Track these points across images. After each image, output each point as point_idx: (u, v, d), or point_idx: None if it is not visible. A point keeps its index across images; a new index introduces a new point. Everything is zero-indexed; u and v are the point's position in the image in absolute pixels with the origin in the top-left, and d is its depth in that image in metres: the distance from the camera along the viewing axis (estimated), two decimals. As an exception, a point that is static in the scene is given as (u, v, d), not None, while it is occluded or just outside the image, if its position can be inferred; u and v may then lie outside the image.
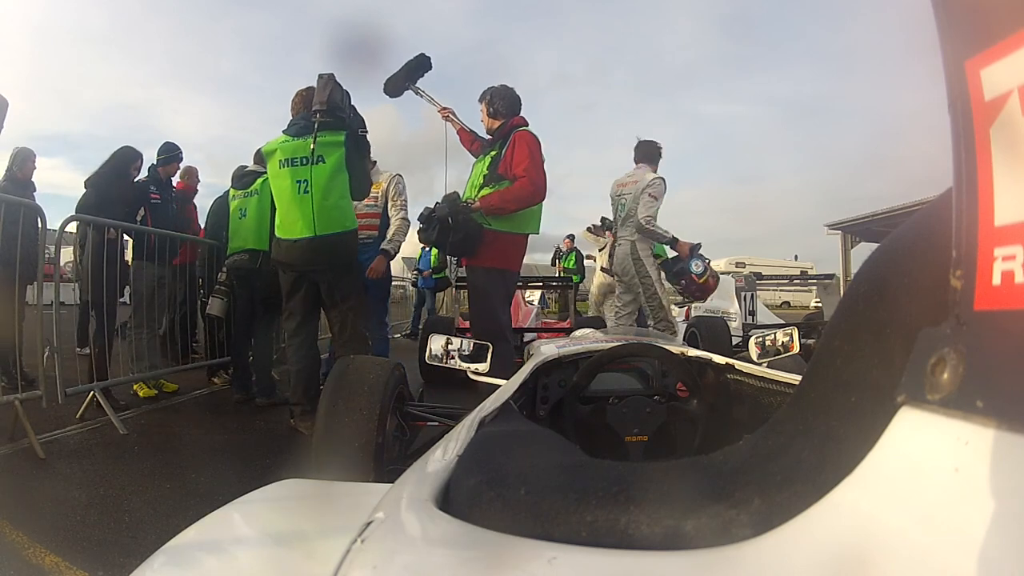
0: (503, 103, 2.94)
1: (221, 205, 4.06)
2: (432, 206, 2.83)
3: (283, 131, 2.97)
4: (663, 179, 3.94)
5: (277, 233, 2.96)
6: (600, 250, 7.62)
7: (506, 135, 2.88)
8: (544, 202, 2.94)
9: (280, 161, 2.88)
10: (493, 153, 2.90)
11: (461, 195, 2.92)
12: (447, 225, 2.73)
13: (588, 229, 7.51)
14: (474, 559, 0.40)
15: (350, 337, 2.93)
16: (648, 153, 4.11)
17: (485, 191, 2.82)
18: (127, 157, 3.76)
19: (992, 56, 0.29)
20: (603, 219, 6.08)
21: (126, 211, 3.70)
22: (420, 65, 3.17)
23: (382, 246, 3.50)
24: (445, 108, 3.37)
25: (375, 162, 3.48)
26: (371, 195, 3.41)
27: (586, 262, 7.84)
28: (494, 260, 2.86)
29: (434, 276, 7.64)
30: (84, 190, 3.66)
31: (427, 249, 7.37)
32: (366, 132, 2.99)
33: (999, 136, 0.29)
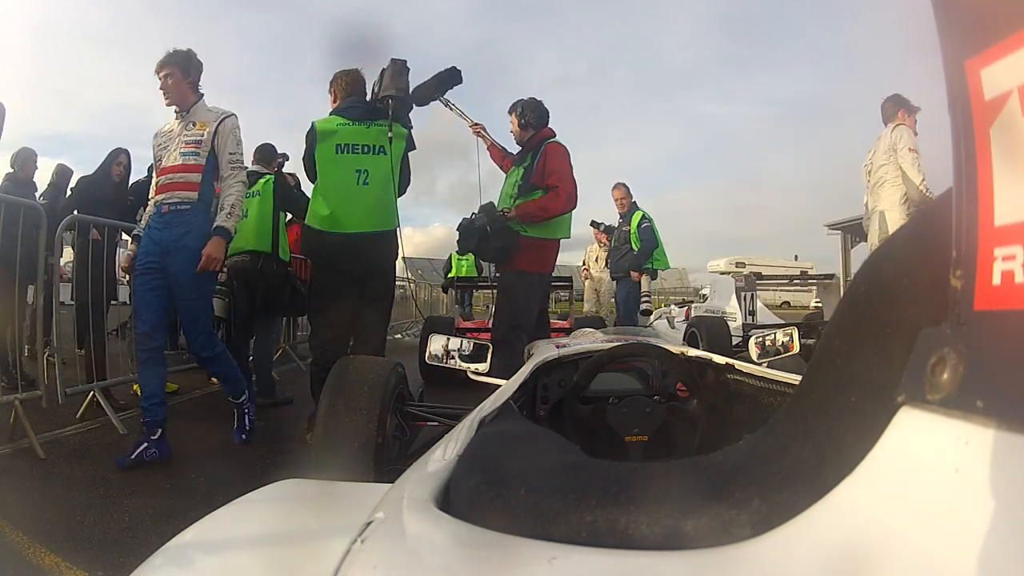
0: (534, 115, 3.07)
1: None
2: (469, 216, 2.95)
3: (336, 112, 2.72)
4: (903, 125, 3.42)
5: (320, 225, 2.63)
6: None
7: (536, 146, 3.01)
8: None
9: (338, 146, 2.62)
10: (525, 164, 3.03)
11: (496, 205, 3.05)
12: (486, 234, 2.86)
13: (593, 224, 7.10)
14: (474, 559, 0.40)
15: (373, 337, 2.83)
16: (895, 106, 3.48)
17: (519, 201, 2.96)
18: (108, 158, 3.70)
19: (992, 56, 0.29)
20: (593, 222, 6.18)
21: (116, 212, 3.64)
22: (451, 78, 3.10)
23: (218, 222, 2.56)
24: (476, 124, 3.44)
25: (202, 94, 2.67)
26: (192, 137, 2.57)
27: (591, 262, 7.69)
28: (528, 264, 2.99)
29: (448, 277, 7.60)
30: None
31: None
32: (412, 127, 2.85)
33: (999, 136, 0.29)
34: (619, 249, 5.59)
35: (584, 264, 8.01)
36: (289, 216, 3.82)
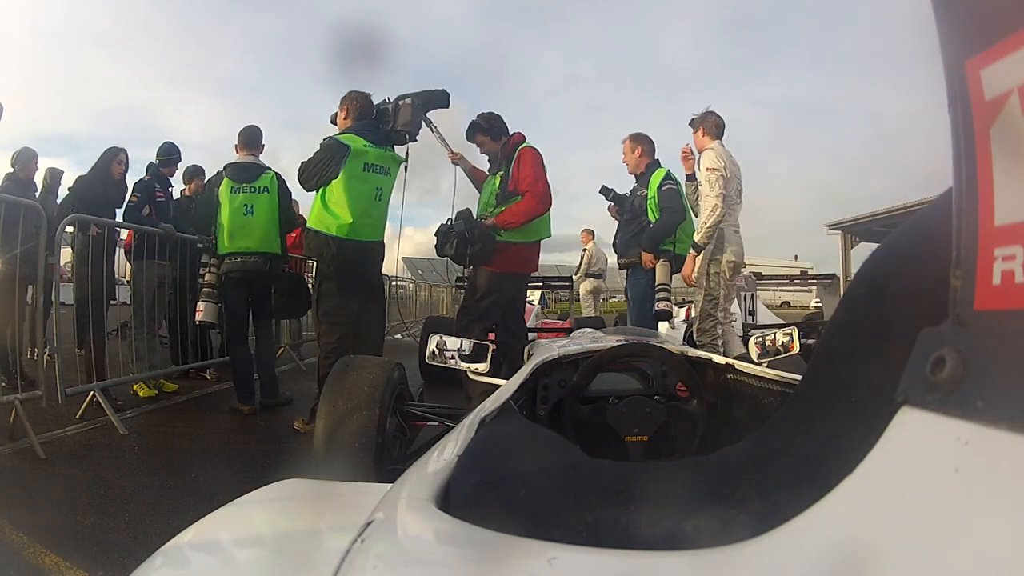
0: (498, 123, 3.23)
1: (213, 198, 3.42)
2: (447, 222, 3.09)
3: (357, 133, 3.00)
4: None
5: (339, 233, 2.90)
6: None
7: (510, 152, 3.14)
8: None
9: (366, 164, 2.97)
10: (501, 173, 3.18)
11: (473, 212, 3.19)
12: (465, 239, 3.00)
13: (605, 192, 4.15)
14: (474, 559, 0.40)
15: (375, 333, 3.21)
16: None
17: (500, 208, 3.11)
18: (107, 157, 3.65)
19: (992, 56, 0.29)
20: (604, 189, 4.04)
21: (114, 210, 3.63)
22: (438, 99, 3.22)
23: None
24: (456, 153, 3.54)
25: None
26: None
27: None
28: (504, 265, 3.13)
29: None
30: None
31: None
32: None
33: (999, 136, 0.29)
34: (630, 224, 3.75)
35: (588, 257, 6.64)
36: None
